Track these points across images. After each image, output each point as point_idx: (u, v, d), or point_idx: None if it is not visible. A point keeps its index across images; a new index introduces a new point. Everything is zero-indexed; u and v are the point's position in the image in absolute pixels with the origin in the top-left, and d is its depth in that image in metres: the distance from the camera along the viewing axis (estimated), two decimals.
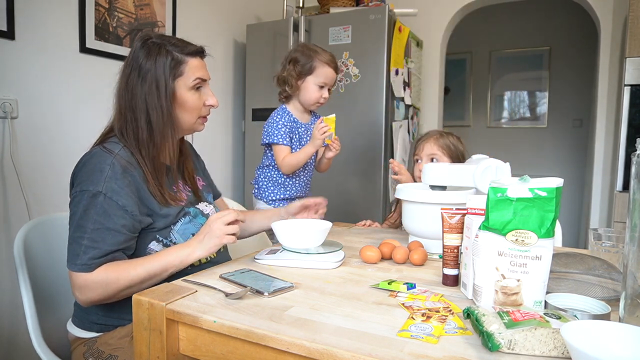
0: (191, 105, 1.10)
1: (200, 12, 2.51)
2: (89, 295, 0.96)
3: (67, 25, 1.82)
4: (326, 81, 1.53)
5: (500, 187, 0.77)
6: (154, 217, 1.04)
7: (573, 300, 0.74)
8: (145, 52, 1.06)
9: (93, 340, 1.05)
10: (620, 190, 2.27)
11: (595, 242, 1.04)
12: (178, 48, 1.07)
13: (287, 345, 0.66)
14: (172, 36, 1.12)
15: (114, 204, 0.96)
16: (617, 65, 2.67)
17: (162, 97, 1.05)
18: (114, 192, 0.97)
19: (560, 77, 4.21)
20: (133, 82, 1.05)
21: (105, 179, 0.97)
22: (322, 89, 1.54)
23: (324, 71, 1.52)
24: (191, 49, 1.09)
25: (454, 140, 1.50)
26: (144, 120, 1.05)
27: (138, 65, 1.05)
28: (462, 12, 3.09)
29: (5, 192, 1.64)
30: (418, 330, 0.68)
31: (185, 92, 1.08)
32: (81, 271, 0.94)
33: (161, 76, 1.05)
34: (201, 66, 1.11)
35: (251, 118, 2.73)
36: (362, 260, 1.09)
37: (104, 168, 0.98)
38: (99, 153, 1.01)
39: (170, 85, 1.05)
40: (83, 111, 1.89)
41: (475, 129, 4.60)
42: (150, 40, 1.07)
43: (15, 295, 1.65)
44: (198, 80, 1.10)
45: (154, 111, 1.05)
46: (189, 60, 1.08)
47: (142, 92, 1.04)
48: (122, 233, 0.97)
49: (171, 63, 1.05)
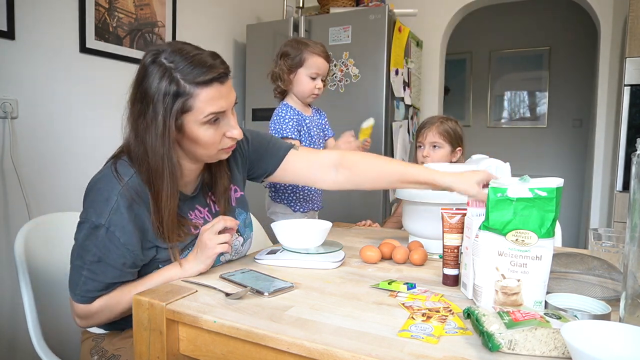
0: (205, 142, 0.92)
1: (200, 12, 2.51)
2: (90, 322, 0.96)
3: (67, 25, 1.82)
4: (318, 71, 1.52)
5: (500, 187, 0.77)
6: (157, 250, 0.96)
7: (573, 300, 0.74)
8: (151, 72, 0.88)
9: (101, 337, 1.05)
10: (620, 190, 2.27)
11: (595, 242, 1.04)
12: (189, 75, 0.87)
13: (287, 345, 0.66)
14: (190, 52, 0.90)
15: (115, 240, 0.89)
16: (617, 65, 2.67)
17: (159, 138, 0.88)
18: (117, 227, 0.89)
19: (560, 77, 4.21)
20: (138, 108, 0.90)
21: (110, 212, 0.88)
22: (315, 80, 1.52)
23: (315, 61, 1.50)
24: (205, 78, 0.88)
25: (453, 124, 1.63)
26: (148, 155, 0.90)
27: (139, 90, 0.90)
28: (462, 12, 3.09)
29: (5, 192, 1.64)
30: (418, 330, 0.68)
31: (197, 128, 0.90)
32: (81, 302, 0.92)
33: (159, 110, 0.87)
34: (218, 96, 0.90)
35: (251, 118, 2.73)
36: (362, 260, 1.09)
37: (110, 198, 0.89)
38: (108, 178, 0.91)
39: (169, 124, 0.88)
40: (83, 111, 1.89)
41: (475, 129, 4.60)
42: (159, 60, 0.88)
43: (15, 295, 1.65)
44: (211, 115, 0.90)
45: (151, 150, 0.89)
46: (199, 92, 0.88)
47: (145, 123, 0.89)
48: (121, 270, 0.92)
49: (174, 97, 0.87)
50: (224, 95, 0.92)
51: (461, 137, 1.64)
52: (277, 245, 1.19)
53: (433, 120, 1.64)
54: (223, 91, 0.91)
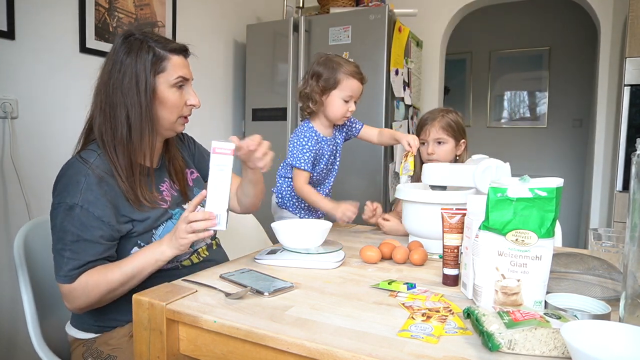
0: (172, 103, 1.07)
1: (200, 12, 2.51)
2: (75, 303, 0.98)
3: (67, 25, 1.82)
4: (352, 94, 1.45)
5: (500, 187, 0.77)
6: (133, 223, 1.03)
7: (573, 300, 0.74)
8: (126, 47, 1.03)
9: (92, 341, 1.05)
10: (620, 190, 2.27)
11: (595, 242, 1.04)
12: (160, 44, 1.05)
13: (287, 345, 0.66)
14: (155, 33, 1.09)
15: (90, 215, 0.96)
16: (617, 65, 2.67)
17: (142, 93, 1.02)
18: (90, 203, 0.96)
19: (560, 77, 4.21)
20: (113, 78, 1.03)
21: (81, 191, 0.96)
22: (348, 103, 1.46)
23: (350, 84, 1.43)
24: (174, 46, 1.07)
25: (455, 117, 1.57)
26: (123, 117, 1.02)
27: (119, 60, 1.03)
28: (462, 12, 3.09)
29: (5, 192, 1.64)
30: (418, 330, 0.68)
31: (167, 89, 1.06)
32: (64, 282, 0.96)
33: (142, 72, 1.02)
34: (184, 65, 1.09)
35: (251, 118, 2.73)
36: (362, 260, 1.09)
37: (79, 179, 0.97)
38: (75, 164, 1.01)
39: (150, 81, 1.03)
40: (83, 111, 1.88)
41: (475, 129, 4.60)
42: (132, 37, 1.05)
43: (15, 296, 1.65)
44: (180, 78, 1.07)
45: (133, 108, 1.02)
46: (171, 57, 1.06)
47: (122, 88, 1.02)
48: (100, 244, 0.98)
49: (152, 59, 1.03)
50: (187, 67, 1.11)
51: (464, 128, 1.59)
52: (277, 245, 1.19)
53: (434, 115, 1.59)
54: (187, 64, 1.11)
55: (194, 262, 1.14)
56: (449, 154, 1.57)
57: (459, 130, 1.57)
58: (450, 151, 1.57)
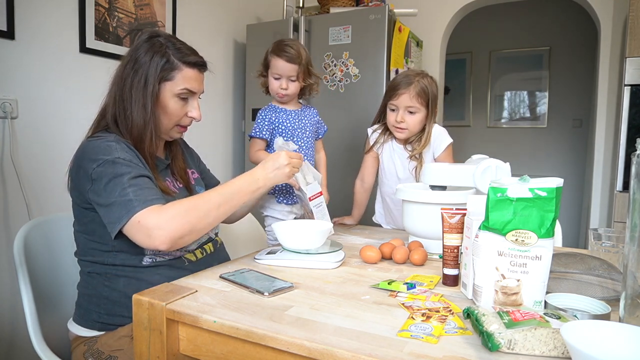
0: (171, 112, 1.10)
1: (200, 12, 2.51)
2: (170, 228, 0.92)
3: (67, 25, 1.82)
4: (278, 72, 1.49)
5: (500, 187, 0.77)
6: None
7: (573, 300, 0.74)
8: (147, 47, 1.07)
9: (94, 340, 1.05)
10: (620, 190, 2.27)
11: (595, 242, 1.04)
12: (179, 54, 1.08)
13: (287, 345, 0.66)
14: (181, 41, 1.12)
15: (134, 165, 1.00)
16: (617, 65, 2.67)
17: (147, 95, 1.06)
18: (129, 159, 1.00)
19: (560, 77, 4.21)
20: (127, 72, 1.07)
21: (116, 150, 1.00)
22: (279, 80, 1.51)
23: (275, 63, 1.50)
24: (191, 59, 1.09)
25: (429, 82, 1.51)
26: (129, 112, 1.06)
27: (136, 57, 1.07)
28: (462, 12, 3.09)
29: (5, 192, 1.64)
30: (418, 330, 0.68)
31: (169, 97, 1.09)
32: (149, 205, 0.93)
33: (151, 75, 1.05)
34: (195, 78, 1.11)
35: (251, 118, 2.73)
36: (362, 260, 1.09)
37: (110, 144, 1.01)
38: (96, 139, 1.03)
39: (155, 86, 1.06)
40: (83, 111, 1.89)
41: (475, 129, 4.60)
42: (156, 38, 1.08)
43: (15, 295, 1.65)
44: (185, 90, 1.09)
45: (136, 105, 1.06)
46: (184, 68, 1.08)
47: (132, 85, 1.06)
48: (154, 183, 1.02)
49: (164, 65, 1.06)
50: (199, 81, 1.13)
51: (436, 96, 1.51)
52: (277, 245, 1.19)
53: (409, 79, 1.49)
54: (199, 78, 1.13)
55: (198, 257, 1.14)
56: (419, 124, 1.53)
57: (433, 99, 1.50)
58: (421, 121, 1.52)
